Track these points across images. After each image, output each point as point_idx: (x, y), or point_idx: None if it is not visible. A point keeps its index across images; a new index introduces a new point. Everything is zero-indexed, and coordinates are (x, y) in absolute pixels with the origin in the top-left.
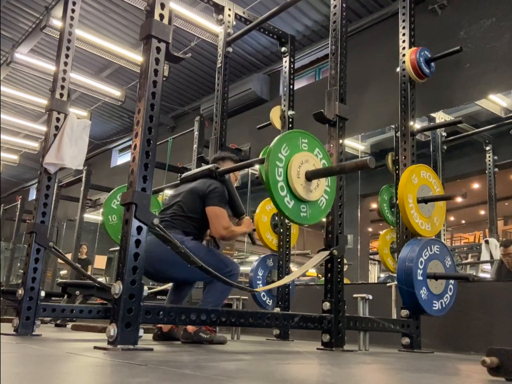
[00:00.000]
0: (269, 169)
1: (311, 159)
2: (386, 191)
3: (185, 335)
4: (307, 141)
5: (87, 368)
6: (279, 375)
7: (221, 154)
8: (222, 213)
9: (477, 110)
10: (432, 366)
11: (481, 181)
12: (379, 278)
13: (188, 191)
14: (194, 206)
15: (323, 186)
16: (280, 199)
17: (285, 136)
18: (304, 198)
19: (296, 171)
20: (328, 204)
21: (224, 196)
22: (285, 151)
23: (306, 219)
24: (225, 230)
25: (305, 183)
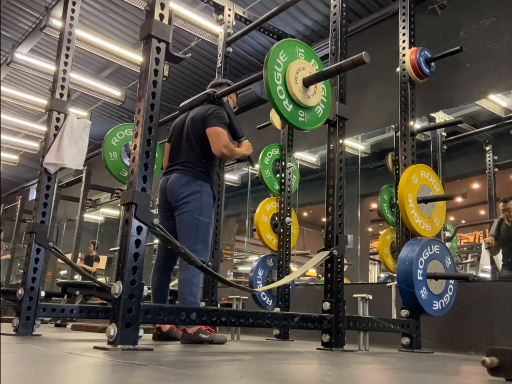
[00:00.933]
0: (268, 73)
1: (307, 67)
2: (386, 191)
3: (185, 335)
4: (303, 51)
5: (87, 368)
6: (279, 375)
7: (218, 81)
8: (222, 132)
9: (477, 110)
10: (432, 366)
11: (481, 181)
12: (379, 278)
13: (190, 120)
14: (199, 132)
15: (320, 94)
16: (279, 101)
17: (282, 43)
18: (302, 103)
19: (294, 76)
20: (324, 112)
21: (224, 116)
22: (283, 57)
23: (304, 124)
24: (225, 148)
25: (303, 89)
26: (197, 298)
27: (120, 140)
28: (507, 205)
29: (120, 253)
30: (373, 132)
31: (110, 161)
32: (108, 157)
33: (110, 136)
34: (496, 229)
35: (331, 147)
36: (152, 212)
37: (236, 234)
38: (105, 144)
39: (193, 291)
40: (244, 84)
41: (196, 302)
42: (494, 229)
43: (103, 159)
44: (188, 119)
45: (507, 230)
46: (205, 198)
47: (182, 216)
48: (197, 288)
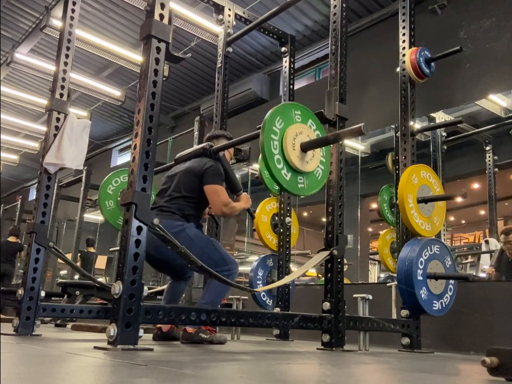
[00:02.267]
0: (265, 143)
1: (305, 130)
2: (386, 191)
3: (185, 335)
4: (300, 113)
5: (87, 368)
6: (279, 375)
7: (215, 133)
8: (221, 190)
9: (477, 110)
10: (432, 366)
11: (481, 181)
12: (379, 278)
13: (183, 171)
14: (191, 185)
15: (318, 157)
16: (277, 171)
17: (278, 109)
18: (300, 170)
19: (291, 143)
20: (324, 174)
21: (221, 173)
22: (279, 123)
23: (304, 190)
24: (225, 206)
25: (301, 155)
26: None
27: (116, 187)
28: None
29: (120, 253)
30: (373, 132)
31: (107, 210)
32: (104, 206)
33: (106, 184)
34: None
35: (331, 147)
36: (152, 212)
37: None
38: (101, 192)
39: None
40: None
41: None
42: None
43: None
44: (182, 169)
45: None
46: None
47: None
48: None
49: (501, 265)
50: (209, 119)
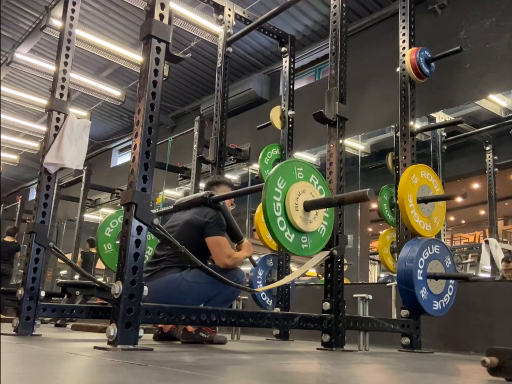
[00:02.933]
0: (267, 205)
1: (307, 188)
2: (386, 191)
3: (185, 335)
4: (302, 169)
5: (87, 368)
6: (279, 375)
7: (215, 179)
8: (224, 241)
9: (477, 110)
10: (432, 366)
11: (481, 181)
12: (379, 278)
13: (183, 223)
14: (192, 238)
15: (322, 214)
16: (280, 234)
17: (280, 168)
18: (304, 230)
19: (294, 203)
20: (328, 230)
21: (222, 223)
22: (281, 184)
23: (308, 250)
24: (228, 258)
25: (304, 214)
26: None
27: (114, 229)
28: (510, 265)
29: (120, 253)
30: (373, 132)
31: (105, 254)
32: (102, 250)
33: (103, 227)
34: None
35: (331, 147)
36: (152, 212)
37: None
38: (98, 236)
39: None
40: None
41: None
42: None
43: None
44: (182, 221)
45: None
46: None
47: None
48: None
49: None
50: (209, 119)
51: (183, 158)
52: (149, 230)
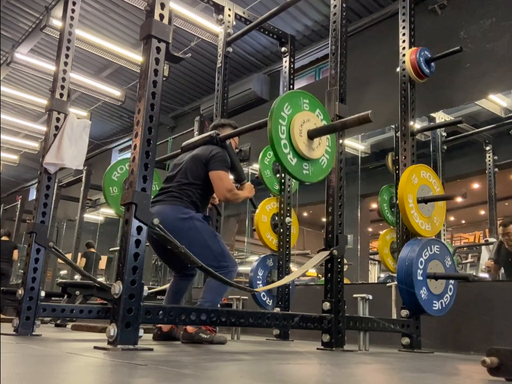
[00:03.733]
0: (272, 127)
1: (312, 118)
2: (386, 191)
3: (185, 335)
4: (308, 101)
5: (87, 368)
6: (279, 375)
7: (220, 121)
8: (226, 176)
9: (477, 110)
10: (432, 366)
11: (481, 181)
12: (379, 278)
13: (190, 158)
14: (198, 172)
15: (324, 146)
16: (283, 156)
17: (287, 95)
18: (306, 156)
19: (299, 129)
20: (329, 163)
21: (227, 160)
22: (287, 110)
23: (309, 176)
24: (229, 192)
25: (307, 142)
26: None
27: (121, 174)
28: (507, 229)
29: (120, 253)
30: (373, 132)
31: (111, 196)
32: (108, 192)
33: (111, 171)
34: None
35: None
36: (152, 212)
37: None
38: (105, 179)
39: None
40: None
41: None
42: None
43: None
44: (189, 156)
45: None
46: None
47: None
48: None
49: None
50: (209, 119)
51: None
52: (149, 230)
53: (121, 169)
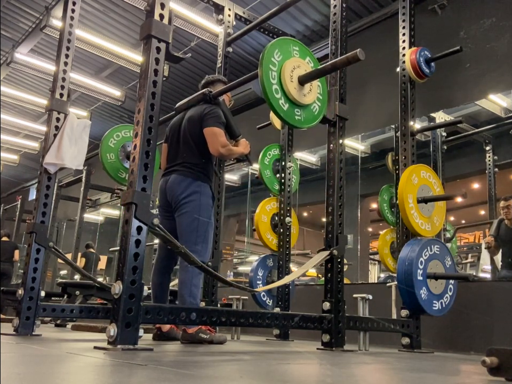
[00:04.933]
0: (263, 73)
1: (302, 65)
2: (386, 191)
3: (185, 335)
4: (298, 49)
5: (87, 368)
6: (279, 375)
7: (209, 78)
8: (220, 132)
9: (477, 110)
10: (432, 366)
11: (481, 181)
12: (379, 278)
13: (187, 121)
14: (193, 134)
15: (315, 92)
16: (275, 101)
17: (277, 42)
18: (298, 101)
19: (289, 75)
20: (320, 110)
21: (220, 116)
22: (278, 56)
23: (301, 122)
24: (223, 147)
25: (298, 87)
26: (197, 299)
27: (118, 141)
28: (507, 202)
29: (120, 253)
30: (373, 132)
31: (108, 163)
32: (105, 159)
33: (107, 138)
34: (496, 229)
35: (331, 147)
36: (152, 212)
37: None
38: (102, 145)
39: (192, 292)
40: (239, 83)
41: (195, 302)
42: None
43: (101, 161)
44: (185, 120)
45: (506, 230)
46: (204, 199)
47: (182, 217)
48: (197, 289)
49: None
50: None
51: None
52: (149, 230)
53: (117, 136)
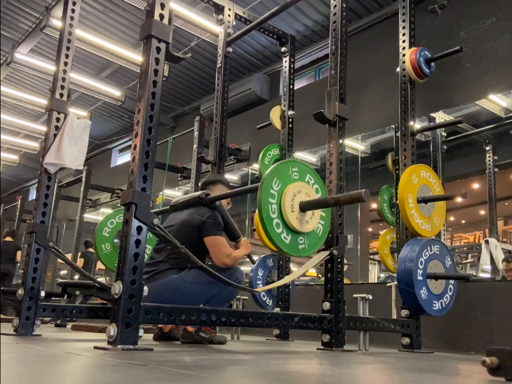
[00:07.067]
0: (262, 208)
1: (303, 188)
2: (386, 191)
3: (185, 335)
4: (297, 169)
5: (87, 368)
6: (279, 375)
7: (211, 178)
8: (222, 241)
9: (477, 110)
10: (432, 366)
11: (481, 181)
12: (379, 278)
13: (180, 223)
14: (189, 238)
15: (318, 213)
16: (277, 236)
17: (275, 169)
18: (301, 231)
19: (290, 204)
20: (325, 229)
21: (220, 223)
22: (276, 185)
23: (305, 250)
24: (228, 257)
25: (300, 215)
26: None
27: (112, 229)
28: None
29: (120, 253)
30: (373, 132)
31: (103, 254)
32: (100, 250)
33: (101, 227)
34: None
35: (331, 147)
36: (152, 212)
37: None
38: (97, 236)
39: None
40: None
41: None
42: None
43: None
44: (179, 221)
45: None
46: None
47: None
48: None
49: None
50: (209, 119)
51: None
52: (149, 230)
53: (111, 223)
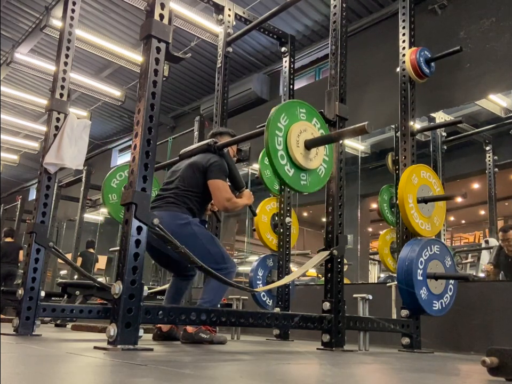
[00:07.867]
0: (269, 139)
1: (309, 128)
2: (386, 191)
3: (185, 335)
4: (305, 111)
5: (87, 368)
6: (279, 375)
7: (219, 130)
8: (224, 185)
9: (477, 110)
10: (432, 366)
11: (481, 181)
12: (379, 278)
13: (187, 165)
14: (195, 180)
15: (322, 155)
16: (280, 167)
17: (284, 105)
18: (304, 166)
19: (296, 140)
20: (327, 172)
21: (225, 169)
22: (284, 120)
23: (306, 187)
24: (228, 201)
25: (304, 152)
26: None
27: (120, 181)
28: (506, 235)
29: (120, 253)
30: (373, 132)
31: (110, 204)
32: (107, 199)
33: (110, 178)
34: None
35: (334, 146)
36: (152, 212)
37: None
38: (105, 186)
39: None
40: (245, 138)
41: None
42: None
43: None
44: (186, 164)
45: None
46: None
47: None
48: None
49: (499, 262)
50: (209, 119)
51: None
52: (149, 230)
53: (120, 176)
